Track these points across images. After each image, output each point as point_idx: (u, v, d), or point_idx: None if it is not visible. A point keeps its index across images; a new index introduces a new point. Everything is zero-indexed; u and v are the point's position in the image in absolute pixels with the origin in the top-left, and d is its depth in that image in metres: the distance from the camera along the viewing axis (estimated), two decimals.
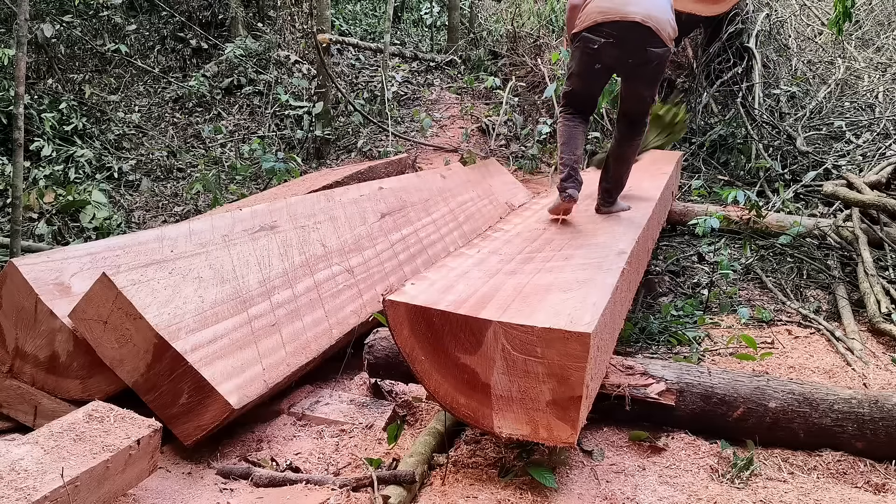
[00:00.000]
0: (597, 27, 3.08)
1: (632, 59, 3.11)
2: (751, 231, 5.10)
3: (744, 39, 7.51)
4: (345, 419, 2.71)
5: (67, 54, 9.03)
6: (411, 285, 2.33)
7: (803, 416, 2.42)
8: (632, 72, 3.22)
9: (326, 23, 8.19)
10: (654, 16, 3.05)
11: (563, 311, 2.09)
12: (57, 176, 6.65)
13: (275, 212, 3.43)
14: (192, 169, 7.55)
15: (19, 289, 2.51)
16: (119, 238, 2.88)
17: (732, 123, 7.12)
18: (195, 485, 2.28)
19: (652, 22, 3.03)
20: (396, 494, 2.08)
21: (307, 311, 3.06)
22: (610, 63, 3.18)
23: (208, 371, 2.39)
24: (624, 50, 3.08)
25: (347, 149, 7.95)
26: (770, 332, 3.72)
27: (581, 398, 1.99)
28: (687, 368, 2.62)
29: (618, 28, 3.04)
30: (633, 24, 3.02)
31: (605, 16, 3.06)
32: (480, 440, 2.49)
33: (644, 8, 3.04)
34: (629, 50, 3.08)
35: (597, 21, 3.08)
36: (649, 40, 3.06)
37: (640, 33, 3.04)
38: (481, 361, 2.09)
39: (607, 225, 3.28)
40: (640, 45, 3.07)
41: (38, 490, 1.70)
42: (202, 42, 9.84)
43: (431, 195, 4.88)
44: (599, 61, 3.16)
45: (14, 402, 2.62)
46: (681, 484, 2.20)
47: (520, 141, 7.69)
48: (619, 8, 3.04)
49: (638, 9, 3.03)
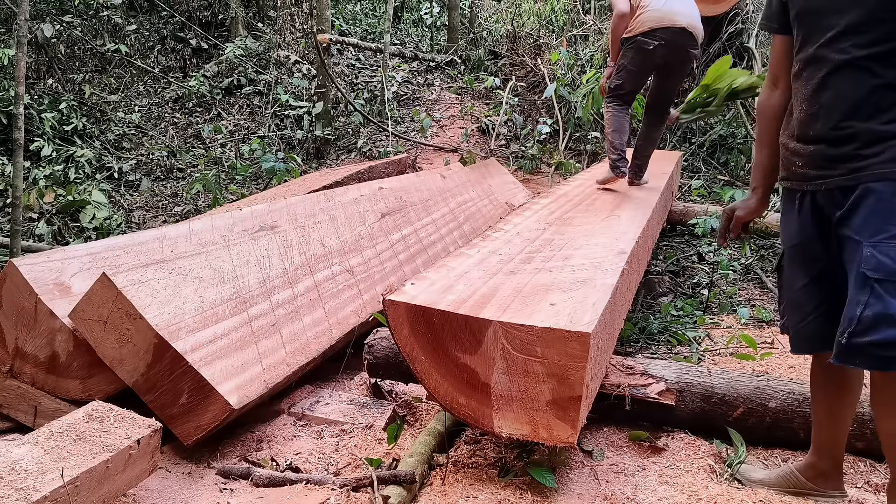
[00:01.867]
0: (651, 32, 3.80)
1: (676, 58, 3.87)
2: (751, 231, 5.10)
3: (744, 39, 7.52)
4: (345, 419, 2.71)
5: (67, 54, 9.04)
6: (411, 285, 2.33)
7: (803, 416, 2.42)
8: (671, 69, 3.96)
9: (326, 23, 8.20)
10: (693, 23, 3.83)
11: (562, 311, 2.09)
12: (57, 176, 6.66)
13: (275, 212, 3.43)
14: (192, 169, 7.56)
15: (19, 289, 2.52)
16: (119, 238, 2.88)
17: (732, 123, 7.12)
18: (195, 485, 2.28)
19: (693, 28, 3.81)
20: (396, 494, 2.08)
21: (307, 311, 3.06)
22: (658, 62, 3.90)
23: (208, 371, 2.39)
24: (671, 50, 3.83)
25: (347, 149, 7.95)
26: (770, 332, 3.72)
27: (581, 398, 1.99)
28: (687, 368, 2.62)
29: (668, 33, 3.78)
30: (681, 30, 3.79)
31: (658, 23, 3.79)
32: (480, 440, 2.49)
33: (687, 17, 3.82)
34: (675, 50, 3.84)
35: (652, 27, 3.80)
36: (690, 42, 3.84)
37: (685, 37, 3.81)
38: (481, 361, 2.09)
39: (607, 225, 3.28)
40: (683, 46, 3.83)
41: (38, 490, 1.70)
42: (202, 42, 9.85)
43: (431, 195, 4.88)
44: (651, 60, 3.87)
45: (14, 402, 2.62)
46: (681, 484, 2.20)
47: (520, 141, 7.70)
48: (670, 17, 3.79)
49: (683, 17, 3.80)
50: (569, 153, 7.49)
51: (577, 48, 8.63)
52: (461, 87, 9.18)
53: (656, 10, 3.81)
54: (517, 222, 3.39)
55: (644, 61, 3.89)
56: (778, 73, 2.10)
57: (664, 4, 3.82)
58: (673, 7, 3.82)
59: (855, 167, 1.78)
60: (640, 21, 3.86)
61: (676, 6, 3.83)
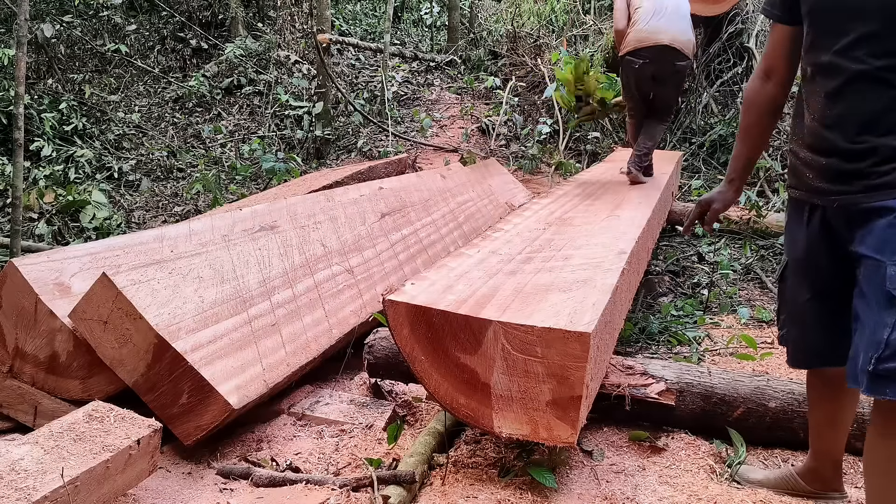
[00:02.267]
0: (636, 51, 4.21)
1: (664, 70, 4.24)
2: (751, 231, 5.10)
3: (744, 39, 7.52)
4: (345, 419, 2.71)
5: (67, 54, 9.04)
6: (411, 285, 2.33)
7: (803, 416, 2.41)
8: (664, 80, 4.31)
9: (326, 23, 8.20)
10: (678, 39, 4.17)
11: (562, 311, 2.09)
12: (57, 176, 6.66)
13: (275, 212, 3.43)
14: (192, 169, 7.56)
15: (19, 289, 2.51)
16: (119, 238, 2.88)
17: (732, 123, 7.12)
18: (195, 485, 2.28)
19: (676, 44, 4.16)
20: (396, 494, 2.08)
21: (307, 311, 3.05)
22: (648, 75, 4.27)
23: (208, 371, 2.38)
24: (658, 66, 4.23)
25: (347, 149, 7.95)
26: (770, 332, 3.71)
27: (581, 398, 1.99)
28: (687, 368, 2.62)
29: (651, 51, 4.17)
30: (664, 47, 4.15)
31: (641, 43, 4.18)
32: (480, 440, 2.49)
33: (671, 34, 4.15)
34: (662, 65, 4.22)
35: (636, 47, 4.19)
36: (676, 57, 4.20)
37: (669, 53, 4.18)
38: (481, 361, 2.09)
39: (607, 225, 3.28)
40: (670, 61, 4.21)
41: (37, 490, 1.70)
42: (202, 42, 9.85)
43: (431, 195, 4.88)
44: (641, 74, 4.28)
45: (14, 403, 2.62)
46: (681, 484, 2.20)
47: (520, 141, 7.70)
48: (652, 36, 4.16)
49: (665, 35, 4.14)
50: (569, 153, 7.49)
51: (578, 48, 8.63)
52: (461, 87, 9.18)
53: (639, 30, 4.19)
54: (517, 222, 3.39)
55: (635, 76, 4.32)
56: (773, 65, 2.00)
57: (647, 24, 4.17)
58: (657, 25, 4.15)
59: (871, 185, 1.68)
60: (627, 41, 4.26)
61: (661, 24, 4.16)
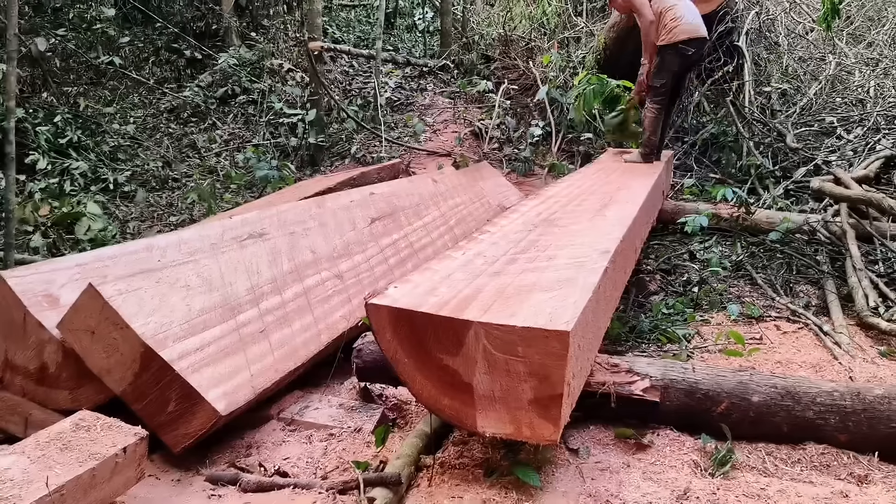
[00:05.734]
0: (688, 41, 4.89)
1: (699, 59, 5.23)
2: (741, 228, 5.12)
3: (734, 38, 7.53)
4: (334, 423, 2.73)
5: (62, 67, 9.08)
6: (394, 288, 2.34)
7: (786, 410, 2.43)
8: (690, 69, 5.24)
9: (318, 30, 8.24)
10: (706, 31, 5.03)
11: (543, 311, 2.11)
12: (52, 189, 6.68)
13: (264, 219, 3.45)
14: (187, 179, 7.59)
15: (8, 301, 2.54)
16: (108, 248, 2.90)
17: (724, 122, 7.14)
18: (184, 491, 2.30)
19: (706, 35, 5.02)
20: (382, 496, 2.10)
21: (296, 317, 3.08)
22: (688, 63, 5.11)
23: (195, 378, 2.41)
24: (698, 55, 5.13)
25: (341, 155, 7.98)
26: (759, 328, 3.73)
27: (562, 396, 2.01)
28: (671, 365, 2.64)
29: (697, 42, 4.96)
30: (703, 39, 5.02)
31: (692, 34, 4.90)
32: (468, 441, 2.50)
33: (704, 28, 5.00)
34: (700, 55, 5.20)
35: (690, 36, 4.88)
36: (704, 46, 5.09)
37: (703, 44, 5.09)
38: (463, 362, 2.11)
39: (593, 224, 3.30)
40: (702, 50, 5.14)
41: (23, 499, 1.72)
42: (196, 52, 9.89)
43: (422, 199, 4.90)
44: (685, 62, 5.02)
45: (5, 414, 2.64)
46: (664, 480, 2.22)
47: (513, 144, 7.72)
48: (698, 28, 4.94)
49: (703, 29, 4.98)
50: (562, 155, 7.50)
51: (569, 50, 8.66)
52: (454, 92, 9.20)
53: (689, 23, 4.88)
54: (504, 224, 3.41)
55: (682, 64, 5.01)
56: None
57: (694, 19, 4.92)
58: (697, 20, 4.94)
59: None
60: (676, 32, 4.87)
61: (698, 20, 4.95)
